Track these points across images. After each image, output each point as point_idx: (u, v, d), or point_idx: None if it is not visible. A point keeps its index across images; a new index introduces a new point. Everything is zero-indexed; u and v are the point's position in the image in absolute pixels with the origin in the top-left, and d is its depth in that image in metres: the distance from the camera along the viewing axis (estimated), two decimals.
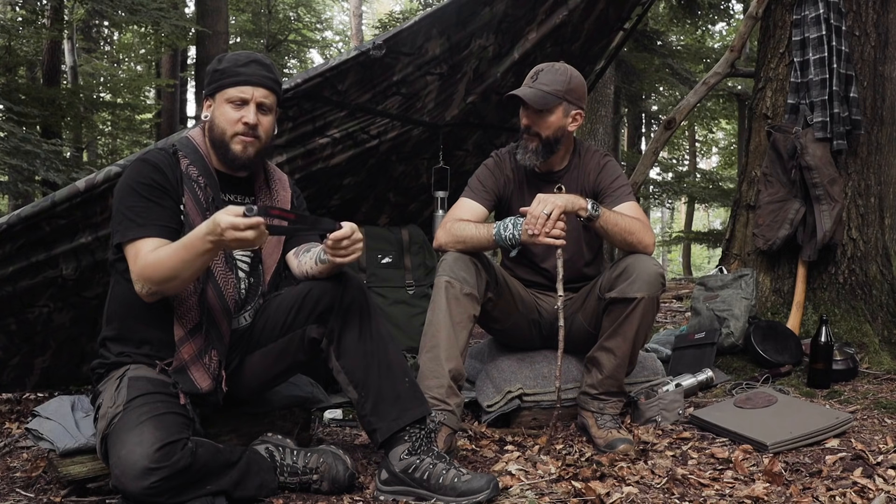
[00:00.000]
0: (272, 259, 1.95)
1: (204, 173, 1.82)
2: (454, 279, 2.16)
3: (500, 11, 2.94)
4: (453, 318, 2.14)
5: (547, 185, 2.43)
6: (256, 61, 1.82)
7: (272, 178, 1.98)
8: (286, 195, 1.99)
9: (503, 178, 2.44)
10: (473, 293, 2.18)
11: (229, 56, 1.84)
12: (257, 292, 1.93)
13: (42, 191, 7.11)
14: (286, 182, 2.02)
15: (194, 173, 1.81)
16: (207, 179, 1.82)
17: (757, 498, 1.70)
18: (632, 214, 2.27)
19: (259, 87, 1.81)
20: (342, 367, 1.82)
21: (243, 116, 1.80)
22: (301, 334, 1.85)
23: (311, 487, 1.81)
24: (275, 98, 1.86)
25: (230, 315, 1.82)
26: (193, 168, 1.81)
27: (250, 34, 17.30)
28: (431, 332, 2.16)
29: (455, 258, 2.19)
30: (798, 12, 3.22)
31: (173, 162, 1.81)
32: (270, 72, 1.84)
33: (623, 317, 2.18)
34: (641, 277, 2.15)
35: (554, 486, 1.83)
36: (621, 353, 2.22)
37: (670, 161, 19.83)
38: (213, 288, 1.79)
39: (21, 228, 2.30)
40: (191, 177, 1.80)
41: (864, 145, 3.29)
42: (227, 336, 1.82)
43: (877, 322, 3.23)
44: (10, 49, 9.30)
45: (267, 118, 1.84)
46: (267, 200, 1.94)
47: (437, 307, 2.16)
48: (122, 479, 1.55)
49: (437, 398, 2.08)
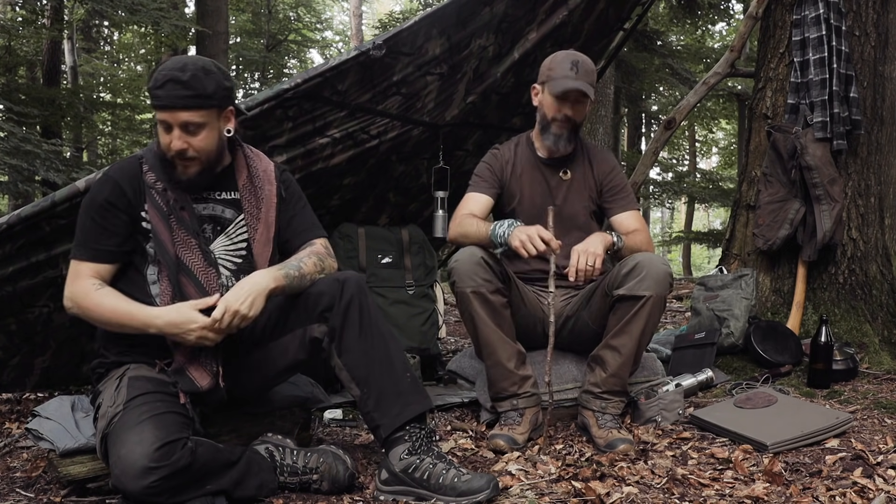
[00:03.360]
0: (263, 257, 1.90)
1: (163, 178, 1.80)
2: (476, 285, 2.23)
3: (500, 11, 2.94)
4: (495, 321, 2.26)
5: (554, 169, 2.54)
6: (173, 80, 1.69)
7: (255, 175, 1.91)
8: (271, 188, 1.93)
9: (500, 165, 2.54)
10: (497, 286, 2.27)
11: (157, 72, 1.74)
12: None
13: (42, 191, 7.11)
14: (272, 174, 1.95)
15: (152, 180, 1.80)
16: (168, 184, 1.80)
17: (757, 498, 1.70)
18: (636, 226, 2.47)
19: (178, 110, 1.71)
20: (344, 364, 1.82)
21: (171, 142, 1.75)
22: (302, 333, 1.85)
23: (311, 487, 1.81)
24: (205, 111, 1.74)
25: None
26: (152, 174, 1.81)
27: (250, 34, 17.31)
28: (482, 342, 2.28)
29: (466, 265, 2.23)
30: (798, 12, 3.22)
31: (137, 171, 1.82)
32: (190, 87, 1.70)
33: (630, 315, 2.19)
34: (651, 276, 2.16)
35: (554, 486, 1.83)
36: (627, 351, 2.23)
37: (670, 161, 19.84)
38: (194, 284, 1.79)
39: (21, 228, 2.30)
40: (149, 184, 1.80)
41: (864, 145, 3.29)
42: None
43: (877, 322, 3.23)
44: (10, 49, 9.30)
45: (197, 137, 1.75)
46: (251, 198, 1.90)
47: (475, 317, 2.26)
48: (121, 478, 1.55)
49: (514, 393, 2.28)
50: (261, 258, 1.90)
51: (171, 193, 1.80)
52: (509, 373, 2.27)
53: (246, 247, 1.89)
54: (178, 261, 1.79)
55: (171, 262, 1.78)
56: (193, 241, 1.81)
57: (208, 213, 1.87)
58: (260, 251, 1.90)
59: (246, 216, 1.89)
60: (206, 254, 1.82)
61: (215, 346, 1.78)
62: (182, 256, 1.79)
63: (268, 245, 1.91)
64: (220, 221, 1.88)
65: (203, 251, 1.81)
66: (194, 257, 1.80)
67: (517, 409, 2.28)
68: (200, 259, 1.81)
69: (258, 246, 1.90)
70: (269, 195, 1.92)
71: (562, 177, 2.54)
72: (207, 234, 1.86)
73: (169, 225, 1.78)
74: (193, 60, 1.74)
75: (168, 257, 1.78)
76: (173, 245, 1.79)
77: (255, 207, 1.89)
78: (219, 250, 1.86)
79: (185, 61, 1.73)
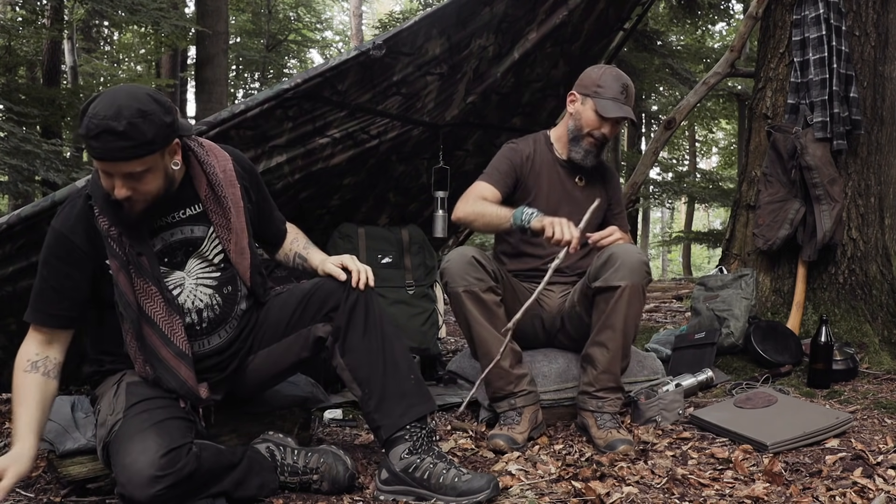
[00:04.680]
0: (243, 266, 1.82)
1: (114, 221, 1.64)
2: (468, 284, 2.23)
3: (500, 11, 2.94)
4: (489, 319, 2.25)
5: (570, 172, 2.57)
6: (107, 131, 1.49)
7: (215, 182, 1.75)
8: (235, 192, 1.79)
9: (520, 160, 2.53)
10: (490, 285, 2.27)
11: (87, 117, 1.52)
12: (235, 300, 1.83)
13: (42, 191, 7.10)
14: (231, 174, 1.79)
15: (106, 226, 1.64)
16: (122, 228, 1.65)
17: (757, 498, 1.70)
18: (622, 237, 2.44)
19: (118, 161, 1.53)
20: (346, 364, 1.81)
21: (114, 188, 1.58)
22: (307, 333, 1.85)
23: (311, 487, 1.81)
24: (148, 157, 1.55)
25: (186, 357, 1.71)
26: (104, 220, 1.64)
27: (250, 34, 17.32)
28: (477, 341, 2.27)
29: (458, 265, 2.24)
30: (798, 12, 3.22)
31: (89, 217, 1.67)
32: (128, 138, 1.50)
33: (609, 307, 2.20)
34: (625, 265, 2.17)
35: (554, 486, 1.82)
36: (613, 345, 2.23)
37: (670, 161, 19.84)
38: (157, 336, 1.69)
39: (21, 228, 2.30)
40: (104, 232, 1.65)
41: (864, 145, 3.29)
42: (190, 380, 1.72)
43: (877, 322, 3.23)
44: (10, 49, 9.30)
45: (142, 182, 1.58)
46: (216, 209, 1.77)
47: (469, 317, 2.26)
48: (128, 487, 1.53)
49: (511, 392, 2.28)
50: (241, 266, 1.82)
51: (125, 240, 1.65)
52: (505, 372, 2.27)
53: (223, 258, 1.80)
54: (140, 311, 1.68)
55: (133, 314, 1.68)
56: (154, 288, 1.68)
57: (177, 238, 1.74)
58: (238, 260, 1.81)
59: (215, 228, 1.77)
60: (168, 301, 1.70)
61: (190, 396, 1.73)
62: (144, 306, 1.68)
63: (244, 253, 1.81)
64: (192, 243, 1.76)
65: (165, 299, 1.69)
66: (156, 306, 1.69)
67: (515, 409, 2.28)
68: (163, 307, 1.69)
69: (235, 255, 1.80)
70: (235, 200, 1.78)
71: (577, 182, 2.57)
72: (178, 258, 1.75)
73: (129, 274, 1.66)
74: (128, 102, 1.51)
75: (130, 310, 1.67)
76: (134, 295, 1.67)
77: (223, 218, 1.77)
78: (195, 271, 1.77)
79: (119, 104, 1.50)
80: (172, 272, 1.75)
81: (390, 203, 3.72)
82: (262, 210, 1.94)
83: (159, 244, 1.72)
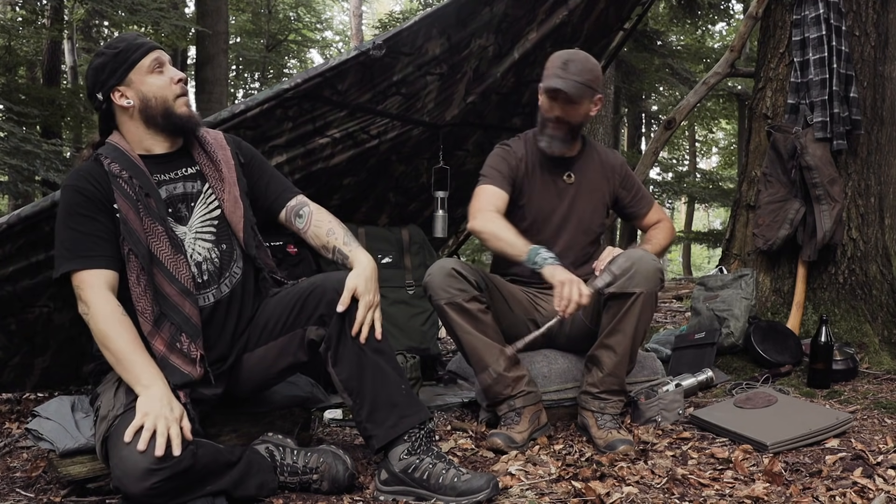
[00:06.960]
0: (237, 216, 1.90)
1: (126, 166, 1.79)
2: (450, 296, 2.22)
3: (500, 11, 2.94)
4: (476, 327, 2.24)
5: (559, 170, 2.51)
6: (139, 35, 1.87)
7: (206, 144, 1.93)
8: (225, 153, 1.94)
9: (515, 162, 2.48)
10: (473, 294, 2.24)
11: (113, 41, 1.85)
12: (231, 258, 1.89)
13: (42, 191, 7.09)
14: (221, 140, 1.98)
15: (116, 169, 1.78)
16: (131, 171, 1.78)
17: (757, 498, 1.70)
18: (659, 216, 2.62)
19: (160, 49, 1.85)
20: (337, 374, 1.82)
21: (173, 76, 1.83)
22: (301, 334, 1.85)
23: (311, 487, 1.81)
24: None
25: (191, 295, 1.78)
26: (115, 165, 1.78)
27: (250, 34, 17.31)
28: (468, 350, 2.26)
29: (438, 279, 2.24)
30: (798, 12, 3.22)
31: (98, 169, 1.79)
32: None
33: (623, 312, 2.19)
34: (641, 272, 2.16)
35: (554, 486, 1.82)
36: (622, 349, 2.23)
37: (670, 161, 19.84)
38: (163, 274, 1.76)
39: (21, 228, 2.30)
40: (114, 173, 1.77)
41: (864, 145, 3.29)
42: (194, 317, 1.77)
43: (877, 322, 3.23)
44: (10, 49, 9.30)
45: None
46: (209, 163, 1.91)
47: (455, 327, 2.25)
48: (123, 480, 1.54)
49: (508, 395, 2.27)
50: (234, 217, 1.89)
51: (136, 181, 1.77)
52: (500, 377, 2.26)
53: (220, 213, 1.89)
54: (149, 252, 1.75)
55: (143, 249, 1.74)
56: (160, 227, 1.77)
57: (179, 192, 1.86)
58: (232, 209, 1.89)
59: (210, 181, 1.89)
60: (173, 240, 1.78)
61: (193, 332, 1.76)
62: (151, 246, 1.76)
63: (237, 204, 1.90)
64: (192, 197, 1.88)
65: (170, 238, 1.78)
66: (162, 245, 1.76)
67: (515, 409, 2.27)
68: (168, 247, 1.77)
69: (228, 206, 1.89)
70: (225, 158, 1.93)
71: (566, 180, 2.52)
72: (183, 213, 1.85)
73: (138, 214, 1.75)
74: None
75: (141, 248, 1.73)
76: (144, 235, 1.75)
77: (216, 170, 1.90)
78: (195, 226, 1.85)
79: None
80: (177, 226, 1.83)
81: (390, 203, 3.72)
82: (254, 167, 2.00)
83: (164, 194, 1.83)
